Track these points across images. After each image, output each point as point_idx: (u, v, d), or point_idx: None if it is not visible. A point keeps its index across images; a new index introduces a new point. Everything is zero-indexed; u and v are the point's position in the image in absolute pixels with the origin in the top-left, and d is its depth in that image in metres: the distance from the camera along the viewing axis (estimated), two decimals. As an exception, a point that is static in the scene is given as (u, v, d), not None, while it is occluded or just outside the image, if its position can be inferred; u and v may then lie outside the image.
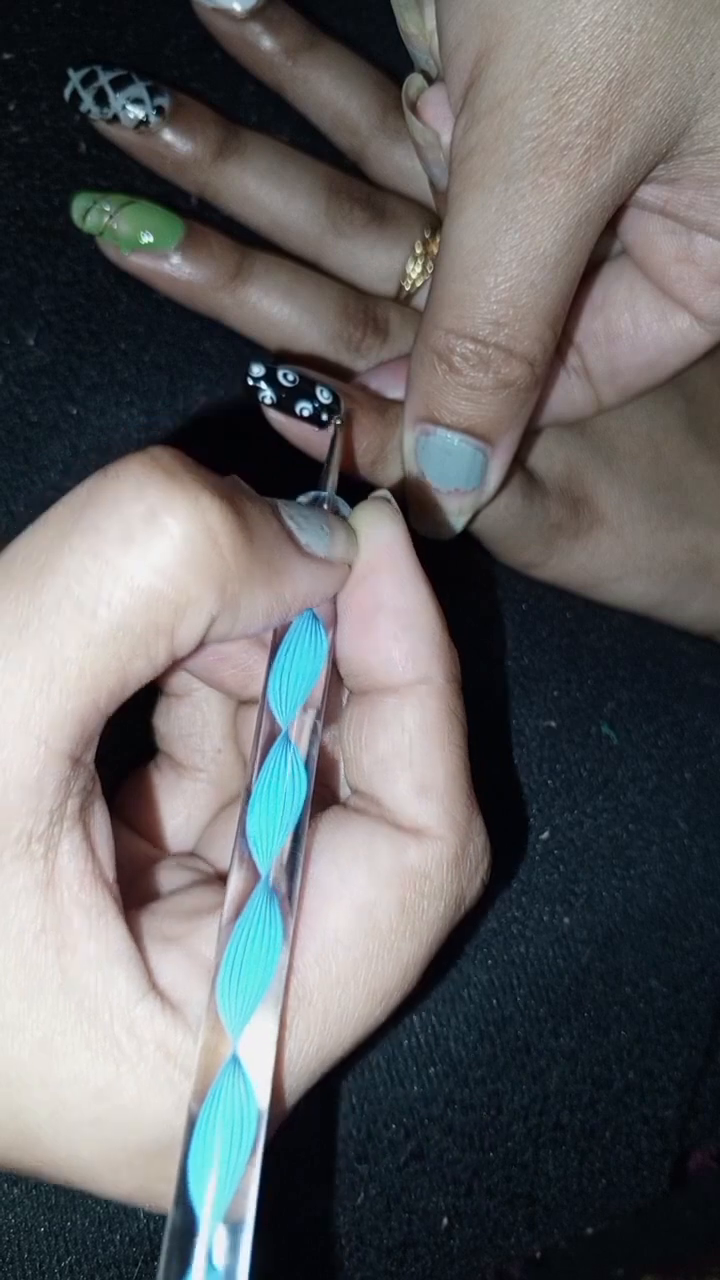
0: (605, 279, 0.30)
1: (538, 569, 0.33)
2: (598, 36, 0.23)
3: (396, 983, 0.21)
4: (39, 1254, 0.26)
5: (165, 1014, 0.19)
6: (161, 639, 0.19)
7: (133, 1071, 0.19)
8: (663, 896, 0.31)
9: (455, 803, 0.22)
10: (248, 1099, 0.19)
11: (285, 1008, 0.20)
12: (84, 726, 0.19)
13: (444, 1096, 0.29)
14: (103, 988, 0.19)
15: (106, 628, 0.18)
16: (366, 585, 0.22)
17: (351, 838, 0.21)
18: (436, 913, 0.21)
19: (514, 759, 0.31)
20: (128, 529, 0.18)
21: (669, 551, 0.34)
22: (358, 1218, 0.29)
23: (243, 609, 0.20)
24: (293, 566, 0.20)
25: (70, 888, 0.19)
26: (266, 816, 0.20)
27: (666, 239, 0.28)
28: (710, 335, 0.29)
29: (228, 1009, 0.19)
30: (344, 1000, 0.20)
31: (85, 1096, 0.19)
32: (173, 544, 0.18)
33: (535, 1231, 0.31)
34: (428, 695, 0.22)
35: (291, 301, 0.31)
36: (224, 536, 0.19)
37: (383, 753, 0.22)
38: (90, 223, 0.30)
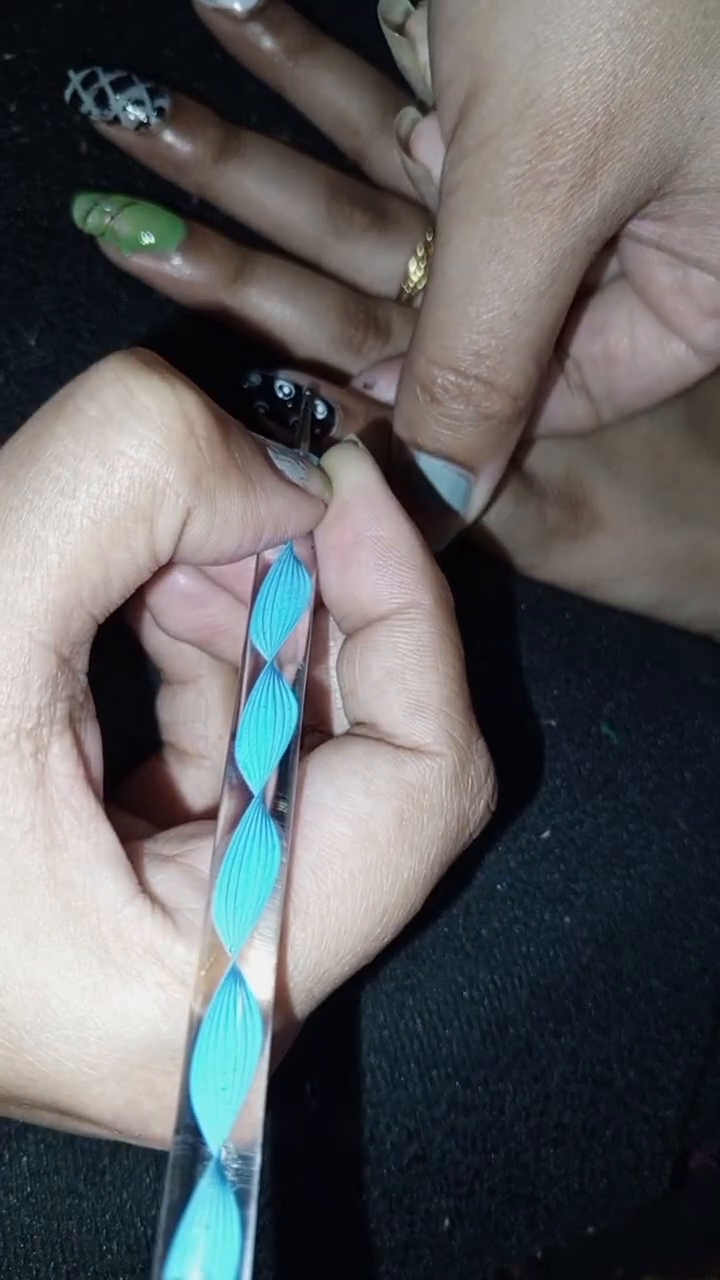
0: (605, 302, 0.30)
1: (535, 571, 0.33)
2: (583, 84, 0.23)
3: (396, 899, 0.20)
4: (35, 1262, 0.26)
5: (155, 917, 0.19)
6: (141, 526, 0.19)
7: (120, 972, 0.18)
8: (663, 896, 0.31)
9: (453, 721, 0.21)
10: (250, 1009, 0.18)
11: (284, 919, 0.19)
12: (68, 619, 0.19)
13: (446, 1098, 0.29)
14: (91, 887, 0.19)
15: (84, 508, 0.18)
16: (344, 521, 0.22)
17: (349, 756, 0.21)
18: (436, 829, 0.21)
19: (514, 759, 0.31)
20: (107, 410, 0.18)
21: (669, 551, 0.34)
22: (360, 1219, 0.29)
23: (219, 510, 0.20)
24: (269, 482, 0.21)
25: (60, 789, 0.19)
26: (256, 740, 0.20)
27: (663, 270, 0.28)
28: (706, 364, 0.30)
29: (225, 925, 0.19)
30: (341, 911, 0.20)
31: (71, 996, 0.18)
32: (151, 425, 0.18)
33: (536, 1231, 0.31)
34: (418, 618, 0.22)
35: (292, 303, 0.31)
36: (200, 424, 0.19)
37: (377, 678, 0.22)
38: (91, 223, 0.30)
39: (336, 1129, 0.28)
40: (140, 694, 0.30)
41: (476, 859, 0.30)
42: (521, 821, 0.31)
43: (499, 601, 0.34)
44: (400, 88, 0.35)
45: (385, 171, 0.35)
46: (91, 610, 0.19)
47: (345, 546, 0.22)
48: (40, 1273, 0.26)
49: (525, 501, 0.32)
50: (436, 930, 0.29)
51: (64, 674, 0.19)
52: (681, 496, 0.34)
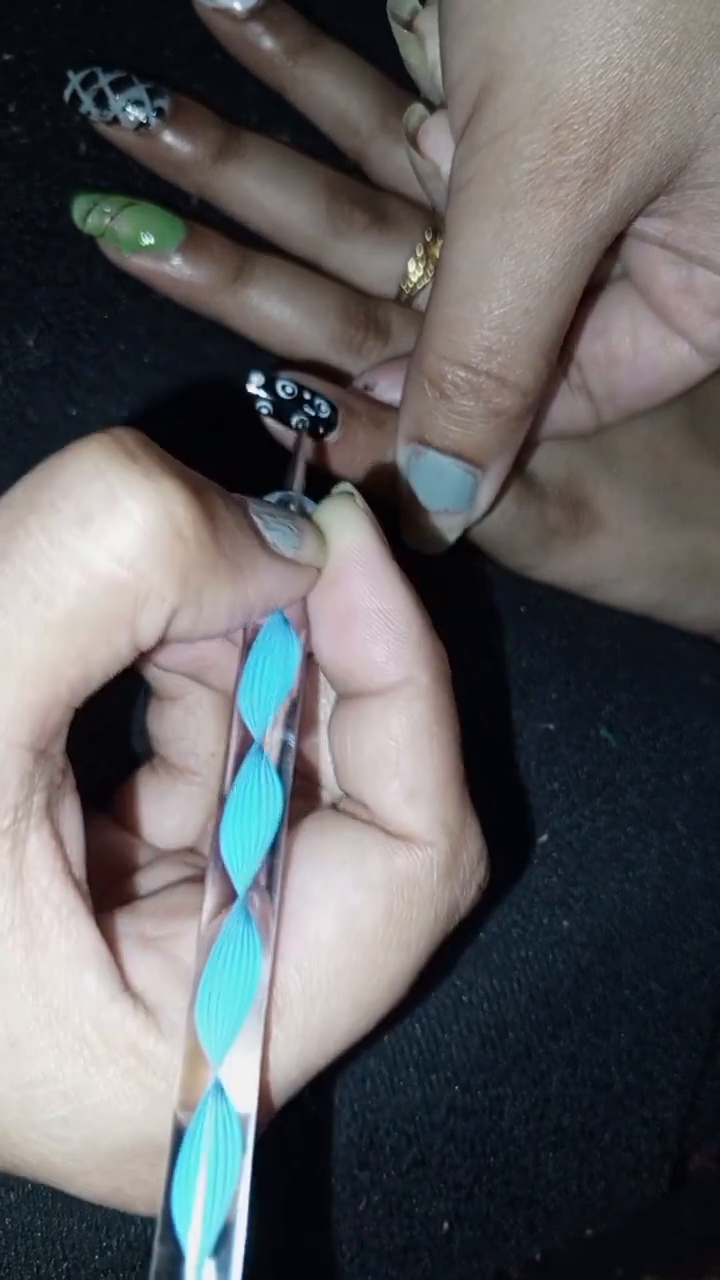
0: (608, 303, 0.30)
1: (535, 571, 0.33)
2: (599, 78, 0.23)
3: (382, 994, 0.20)
4: (35, 1258, 0.26)
5: (138, 1016, 0.19)
6: (122, 629, 0.18)
7: (102, 1073, 0.18)
8: (662, 899, 0.31)
9: (446, 807, 0.21)
10: (231, 1122, 0.18)
11: (267, 1019, 0.19)
12: (45, 718, 0.18)
13: (446, 1103, 0.29)
14: (73, 987, 0.18)
15: (63, 615, 0.17)
16: (338, 588, 0.21)
17: (338, 842, 0.21)
18: (426, 922, 0.21)
19: (513, 762, 0.31)
20: (86, 511, 0.17)
21: (669, 552, 0.34)
22: (359, 1223, 0.29)
23: (206, 604, 0.19)
24: (258, 564, 0.20)
25: (39, 884, 0.18)
26: (241, 833, 0.20)
27: (667, 270, 0.28)
28: (709, 364, 0.30)
29: (208, 1034, 0.18)
30: (325, 1011, 0.20)
31: (54, 1097, 0.18)
32: (133, 529, 0.17)
33: (535, 1234, 0.31)
34: (413, 697, 0.21)
35: (292, 303, 0.31)
36: (187, 525, 0.18)
37: (369, 758, 0.21)
38: (91, 224, 0.30)
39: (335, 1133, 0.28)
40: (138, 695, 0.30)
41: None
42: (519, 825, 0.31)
43: (499, 603, 0.34)
44: (401, 87, 0.34)
45: (385, 171, 0.35)
46: (69, 704, 0.18)
47: (338, 615, 0.21)
48: (41, 1269, 0.26)
49: (526, 502, 0.32)
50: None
51: (40, 766, 0.18)
52: (682, 497, 0.34)
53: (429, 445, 0.28)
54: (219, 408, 0.32)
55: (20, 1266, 0.26)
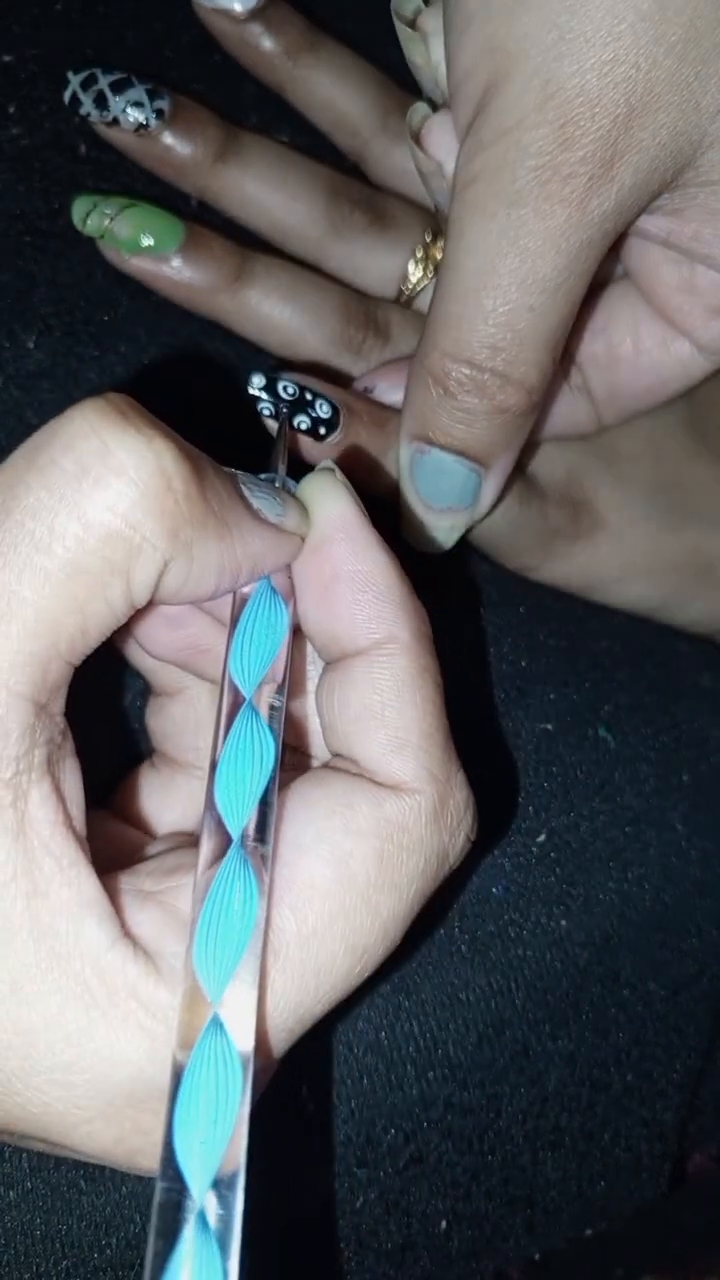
0: (608, 302, 0.30)
1: (536, 572, 0.33)
2: (605, 75, 0.23)
3: (376, 938, 0.21)
4: (35, 1257, 0.26)
5: (138, 962, 0.19)
6: (117, 579, 0.19)
7: (104, 1017, 0.19)
8: (660, 899, 0.31)
9: (431, 756, 0.21)
10: (231, 1057, 0.18)
11: (264, 961, 0.20)
12: (45, 670, 0.19)
13: (443, 1100, 0.29)
14: (74, 933, 0.19)
15: (61, 564, 0.18)
16: (321, 555, 0.22)
17: (329, 793, 0.21)
18: (416, 867, 0.21)
19: (511, 762, 0.31)
20: (83, 465, 0.18)
21: (669, 553, 0.34)
22: (357, 1221, 0.29)
23: (195, 559, 0.19)
24: (245, 525, 0.21)
25: (40, 835, 0.19)
26: (234, 783, 0.20)
27: (669, 268, 0.28)
28: (710, 363, 0.30)
29: (205, 972, 0.19)
30: (321, 953, 0.20)
31: (57, 1041, 0.19)
32: (127, 480, 0.18)
33: (534, 1234, 0.31)
34: (396, 653, 0.22)
35: (292, 304, 0.31)
36: (177, 479, 0.19)
37: (355, 714, 0.22)
38: (91, 226, 0.30)
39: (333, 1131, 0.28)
40: (136, 696, 0.30)
41: (472, 863, 0.30)
42: (517, 825, 0.31)
43: (498, 603, 0.34)
44: (402, 88, 0.34)
45: (385, 172, 0.35)
46: (68, 658, 0.19)
47: (322, 581, 0.22)
48: (40, 1268, 0.26)
49: (527, 502, 0.32)
50: (432, 933, 0.29)
51: (41, 720, 0.19)
52: (683, 498, 0.34)
53: (433, 443, 0.28)
54: (219, 409, 0.32)
55: (20, 1265, 0.26)
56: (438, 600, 0.33)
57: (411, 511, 0.30)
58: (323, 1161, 0.28)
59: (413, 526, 0.30)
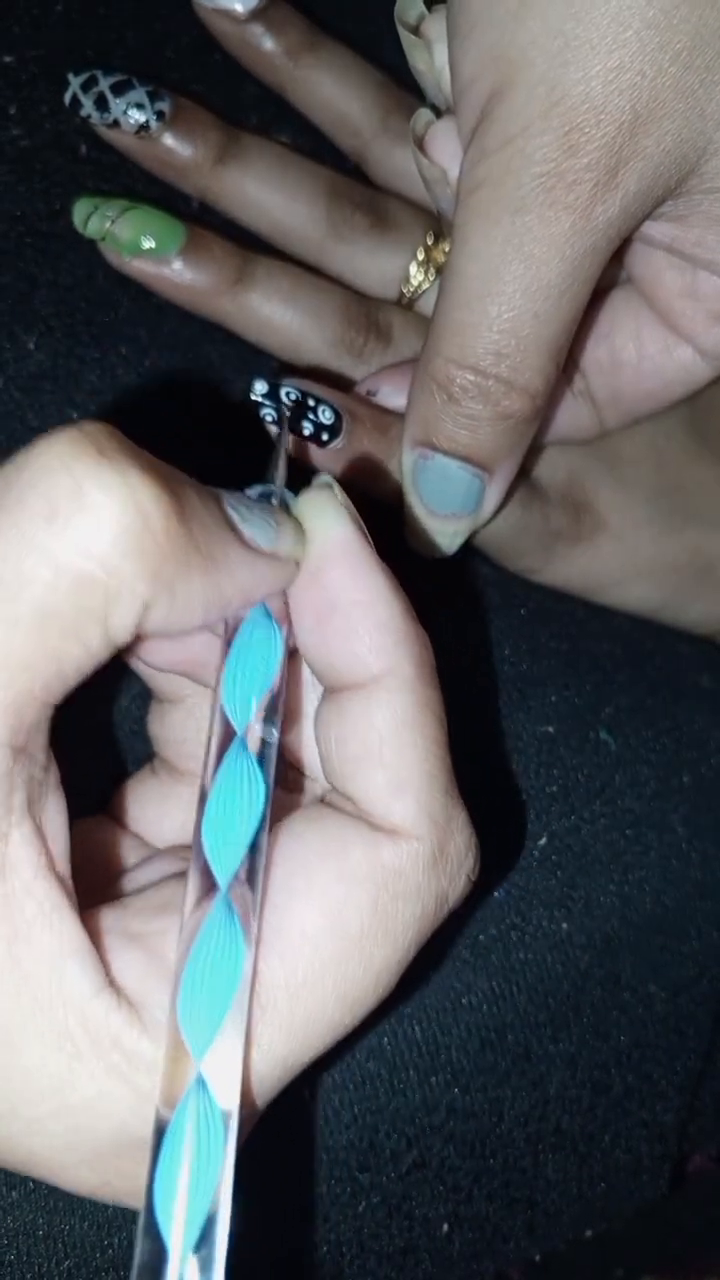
0: (611, 307, 0.30)
1: (537, 574, 0.33)
2: (611, 82, 0.23)
3: (368, 988, 0.20)
4: (38, 1257, 0.26)
5: (121, 1011, 0.19)
6: (93, 625, 0.18)
7: (86, 1067, 0.18)
8: (661, 901, 0.31)
9: (432, 799, 0.21)
10: (213, 1118, 0.18)
11: (249, 1013, 0.19)
12: (20, 715, 0.18)
13: (445, 1105, 0.29)
14: (56, 981, 0.18)
15: (31, 611, 0.17)
16: (318, 582, 0.21)
17: (323, 836, 0.20)
18: (412, 914, 0.20)
19: (512, 765, 0.31)
20: (52, 505, 0.17)
21: (671, 555, 0.34)
22: (359, 1225, 0.29)
23: (179, 597, 0.18)
24: (233, 556, 0.19)
25: (22, 879, 0.18)
26: (222, 827, 0.20)
27: (672, 274, 0.28)
28: (712, 369, 0.30)
29: (189, 1029, 0.18)
30: (310, 1004, 0.19)
31: (40, 1091, 0.18)
32: (101, 522, 0.17)
33: (535, 1236, 0.31)
34: (396, 689, 0.21)
35: (293, 306, 0.31)
36: (156, 517, 0.18)
37: (354, 752, 0.21)
38: (92, 228, 0.30)
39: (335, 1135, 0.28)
40: (136, 700, 0.30)
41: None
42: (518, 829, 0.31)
43: (498, 605, 0.34)
44: (403, 88, 0.34)
45: (386, 172, 0.35)
46: (45, 700, 0.18)
47: (318, 608, 0.21)
48: (43, 1268, 0.26)
49: (528, 505, 0.32)
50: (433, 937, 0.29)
51: (20, 763, 0.18)
52: (684, 500, 0.34)
53: (436, 449, 0.28)
54: (220, 410, 0.32)
55: (22, 1265, 0.26)
56: (438, 603, 0.33)
57: (415, 517, 0.30)
58: (325, 1166, 0.28)
59: (416, 532, 0.30)
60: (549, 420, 0.31)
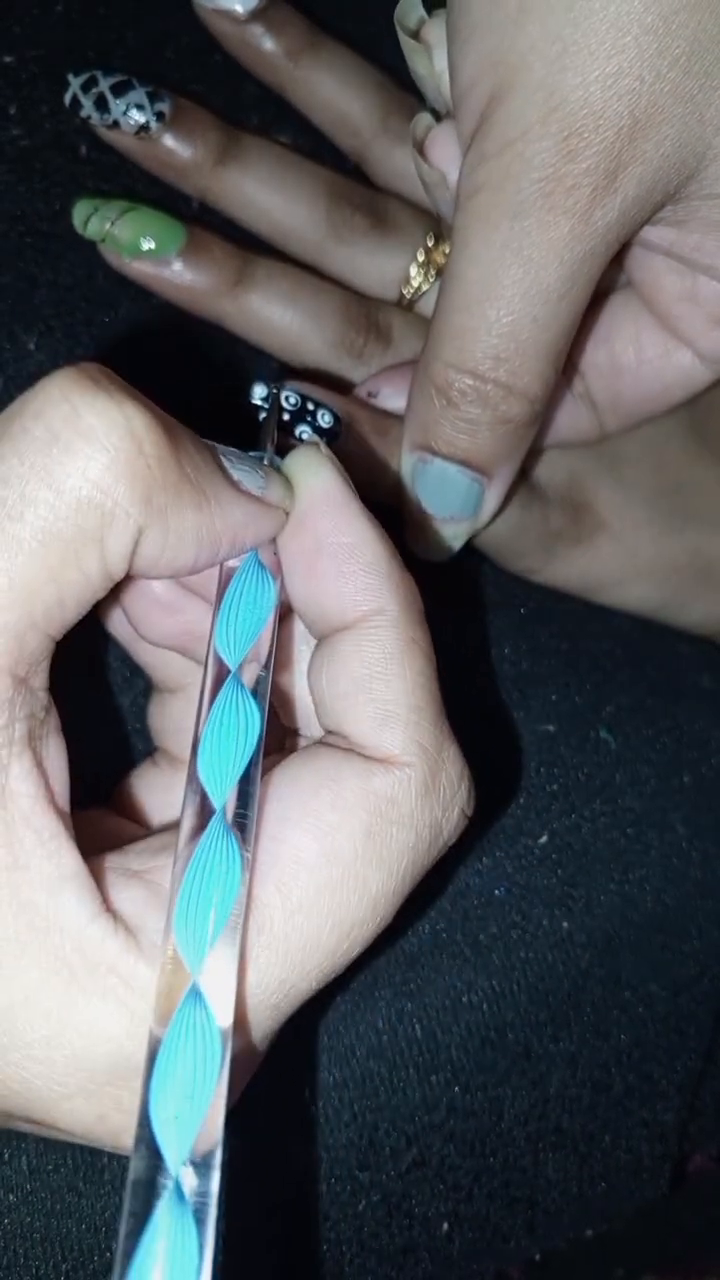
0: (611, 311, 0.30)
1: (537, 574, 0.33)
2: (610, 87, 0.23)
3: (364, 914, 0.20)
4: (35, 1260, 0.26)
5: (118, 936, 0.19)
6: (91, 547, 0.19)
7: (83, 992, 0.18)
8: (661, 900, 0.31)
9: (421, 729, 0.21)
10: (209, 1029, 0.18)
11: (246, 935, 0.19)
12: (21, 641, 0.19)
13: (446, 1104, 0.29)
14: (53, 907, 0.19)
15: (33, 531, 0.18)
16: (305, 528, 0.22)
17: (316, 768, 0.21)
18: (406, 841, 0.21)
19: (512, 764, 0.32)
20: (52, 431, 0.18)
21: (671, 555, 0.34)
22: (359, 1224, 0.29)
23: (171, 528, 0.19)
24: (224, 495, 0.20)
25: (21, 809, 0.19)
26: (218, 755, 0.20)
27: (671, 278, 0.28)
28: (712, 373, 0.30)
29: (185, 941, 0.18)
30: (305, 928, 0.20)
31: (36, 1017, 0.18)
32: (98, 446, 0.18)
33: (535, 1235, 0.31)
34: (383, 625, 0.21)
35: (293, 307, 0.31)
36: (149, 444, 0.19)
37: (344, 688, 0.21)
38: (92, 229, 0.30)
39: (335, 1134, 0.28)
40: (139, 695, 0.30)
41: (474, 864, 0.30)
42: (519, 826, 0.31)
43: (499, 605, 0.34)
44: (404, 89, 0.34)
45: (387, 173, 0.35)
46: (47, 630, 0.19)
47: (307, 554, 0.22)
48: (40, 1270, 0.26)
49: (529, 506, 0.32)
50: (435, 936, 0.29)
51: (21, 694, 0.19)
52: (684, 500, 0.34)
53: (435, 453, 0.28)
54: (220, 411, 0.32)
55: (20, 1267, 0.26)
56: (439, 602, 0.33)
57: (415, 519, 0.30)
58: (325, 1164, 0.28)
59: (416, 534, 0.30)
60: (549, 423, 0.31)
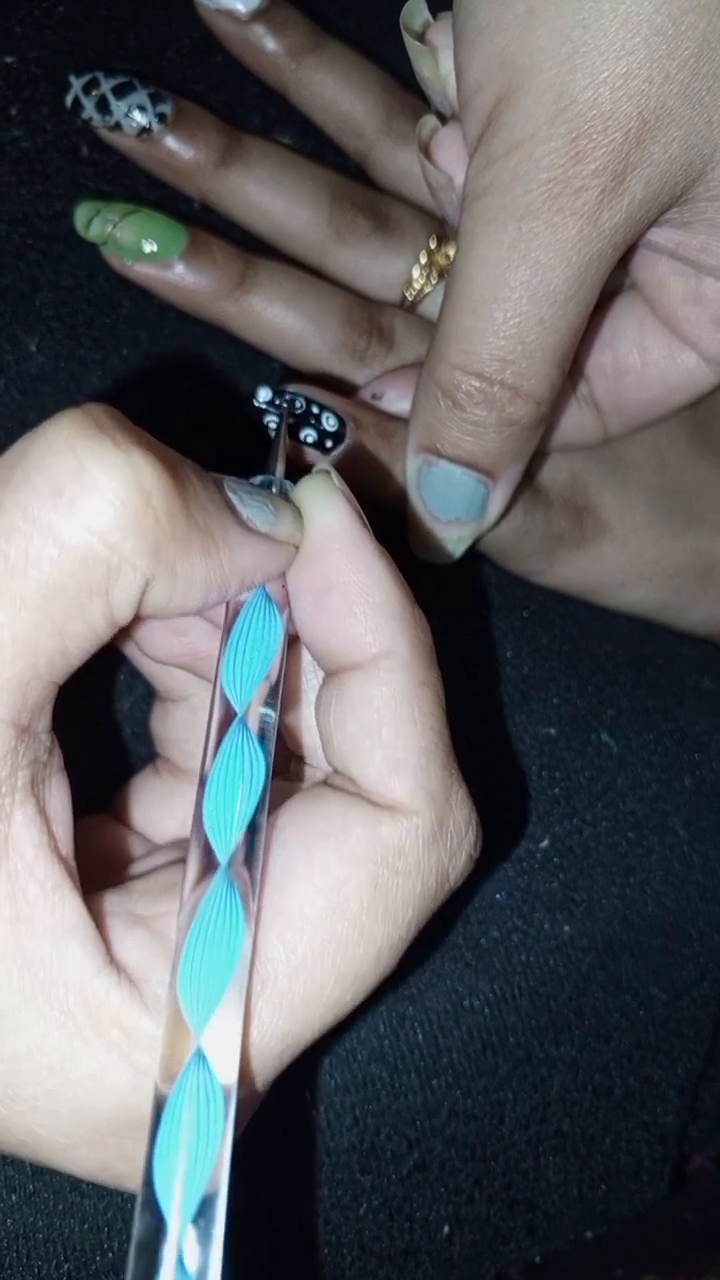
0: (615, 314, 0.30)
1: (539, 576, 0.33)
2: (619, 88, 0.23)
3: (369, 966, 0.20)
4: (38, 1260, 0.26)
5: (122, 989, 0.19)
6: (96, 601, 0.18)
7: (88, 1046, 0.18)
8: (662, 904, 0.31)
9: (430, 776, 0.21)
10: (213, 1090, 0.18)
11: (249, 990, 0.19)
12: (24, 693, 0.18)
13: (447, 1108, 0.29)
14: (58, 960, 0.18)
15: (36, 588, 0.18)
16: (315, 565, 0.21)
17: (324, 815, 0.21)
18: (412, 891, 0.20)
19: (513, 767, 0.32)
20: (56, 484, 0.18)
21: (672, 557, 0.34)
22: (360, 1227, 0.29)
23: (180, 576, 0.19)
24: (232, 537, 0.20)
25: (24, 858, 0.18)
26: (223, 803, 0.20)
27: (676, 280, 0.28)
28: (717, 375, 0.30)
29: (189, 1002, 0.18)
30: (310, 982, 0.19)
31: (41, 1070, 0.18)
32: (103, 500, 0.18)
33: (535, 1237, 0.31)
34: (393, 669, 0.21)
35: (295, 309, 0.31)
36: (157, 495, 0.18)
37: (352, 731, 0.21)
38: (93, 232, 0.30)
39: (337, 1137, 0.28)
40: (140, 701, 0.30)
41: (476, 876, 0.30)
42: (520, 830, 0.31)
43: (500, 607, 0.34)
44: (407, 90, 0.34)
45: (389, 174, 0.35)
46: (50, 679, 0.19)
47: (317, 591, 0.21)
48: (43, 1270, 0.27)
49: (531, 508, 0.32)
50: (435, 940, 0.29)
51: (24, 742, 0.19)
52: (685, 502, 0.34)
53: (441, 455, 0.28)
54: (221, 413, 0.32)
55: (22, 1268, 0.26)
56: (440, 605, 0.33)
57: (419, 522, 0.30)
58: (326, 1168, 0.28)
59: (420, 537, 0.30)
60: (553, 426, 0.31)
